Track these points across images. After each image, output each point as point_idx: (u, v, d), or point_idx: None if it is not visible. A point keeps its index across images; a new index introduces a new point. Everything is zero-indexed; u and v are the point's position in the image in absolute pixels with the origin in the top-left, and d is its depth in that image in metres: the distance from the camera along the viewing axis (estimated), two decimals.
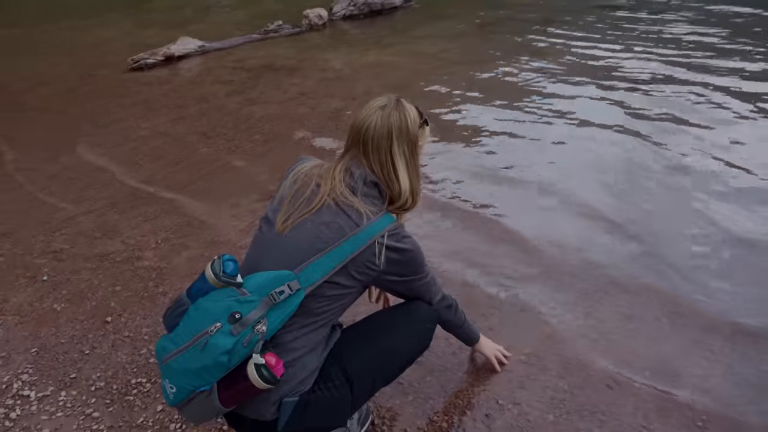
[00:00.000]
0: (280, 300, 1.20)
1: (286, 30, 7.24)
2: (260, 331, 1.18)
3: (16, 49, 6.99)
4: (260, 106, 4.54)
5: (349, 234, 1.27)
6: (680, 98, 4.19)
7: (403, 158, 1.37)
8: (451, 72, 5.13)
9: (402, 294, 1.50)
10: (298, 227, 1.29)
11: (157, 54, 6.12)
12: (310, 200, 1.31)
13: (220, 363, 1.17)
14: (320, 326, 1.31)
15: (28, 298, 2.37)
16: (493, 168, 3.30)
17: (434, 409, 1.74)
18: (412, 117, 1.39)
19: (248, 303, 1.19)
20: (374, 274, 1.32)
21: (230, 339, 1.16)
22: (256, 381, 1.16)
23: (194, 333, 1.19)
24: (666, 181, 3.07)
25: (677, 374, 1.84)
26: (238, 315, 1.18)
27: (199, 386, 1.20)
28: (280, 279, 1.22)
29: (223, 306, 1.19)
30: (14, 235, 2.87)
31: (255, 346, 1.18)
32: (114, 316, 2.23)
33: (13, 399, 1.85)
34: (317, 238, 1.27)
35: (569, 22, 6.77)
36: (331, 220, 1.28)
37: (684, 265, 2.38)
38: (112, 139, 4.06)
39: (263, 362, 1.16)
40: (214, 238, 2.72)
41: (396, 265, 1.34)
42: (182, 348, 1.20)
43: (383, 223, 1.31)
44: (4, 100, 5.12)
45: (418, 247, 1.39)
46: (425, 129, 1.45)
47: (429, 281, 1.47)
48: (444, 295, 1.57)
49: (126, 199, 3.16)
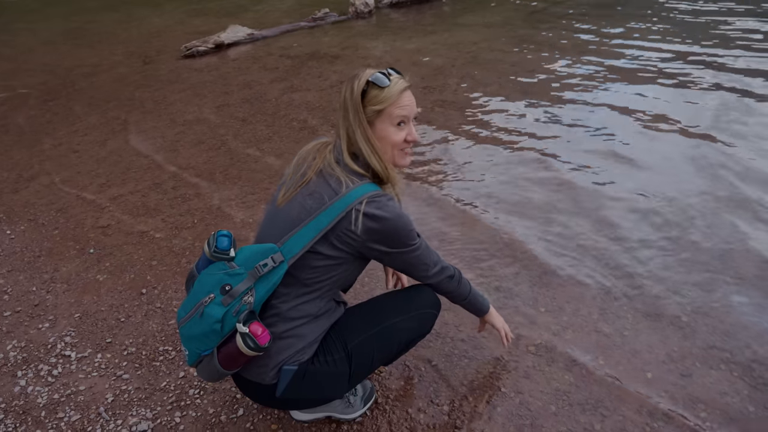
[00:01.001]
0: (265, 272, 1.29)
1: (333, 18, 7.33)
2: (248, 302, 1.28)
3: (78, 38, 7.43)
4: (301, 93, 4.65)
5: (329, 203, 1.30)
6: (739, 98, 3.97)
7: (359, 128, 1.34)
8: (490, 61, 5.06)
9: (399, 269, 1.47)
10: (291, 200, 1.36)
11: (208, 42, 6.36)
12: (304, 174, 1.38)
13: (214, 330, 1.28)
14: (316, 297, 1.38)
15: (76, 268, 2.59)
16: (527, 165, 3.27)
17: (437, 393, 1.79)
18: (359, 83, 1.34)
19: (237, 276, 1.29)
20: (355, 243, 1.32)
21: (221, 309, 1.27)
22: (243, 348, 1.26)
23: (195, 303, 1.31)
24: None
25: (688, 374, 1.80)
26: (228, 287, 1.28)
27: (203, 350, 1.32)
28: (265, 252, 1.31)
29: (215, 278, 1.29)
30: (68, 212, 3.12)
31: (241, 315, 1.27)
32: (149, 288, 2.40)
33: (56, 358, 2.05)
34: (302, 209, 1.33)
35: (624, 13, 6.49)
36: (314, 190, 1.33)
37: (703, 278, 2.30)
38: (160, 123, 4.29)
39: (247, 331, 1.25)
40: (245, 219, 2.86)
41: (376, 233, 1.32)
42: (187, 316, 1.32)
43: (362, 191, 1.30)
44: (65, 85, 5.48)
45: (399, 215, 1.33)
46: (380, 90, 1.33)
47: (420, 254, 1.42)
48: (443, 266, 1.51)
49: (167, 181, 3.35)
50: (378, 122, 1.36)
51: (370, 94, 1.34)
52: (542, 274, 2.32)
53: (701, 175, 2.97)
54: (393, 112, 1.35)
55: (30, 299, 2.40)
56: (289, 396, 1.39)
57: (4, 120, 4.63)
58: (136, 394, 1.86)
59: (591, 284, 2.24)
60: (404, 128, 1.39)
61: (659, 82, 4.26)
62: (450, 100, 4.20)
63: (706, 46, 4.96)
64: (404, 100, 1.36)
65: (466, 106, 4.07)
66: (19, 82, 5.71)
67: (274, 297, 1.36)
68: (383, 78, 1.34)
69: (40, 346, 2.12)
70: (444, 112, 4.01)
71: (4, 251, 2.78)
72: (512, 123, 3.77)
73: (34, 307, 2.34)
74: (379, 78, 1.34)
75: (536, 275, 2.31)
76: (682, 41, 5.18)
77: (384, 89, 1.34)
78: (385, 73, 1.36)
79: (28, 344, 2.13)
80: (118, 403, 1.83)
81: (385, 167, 1.37)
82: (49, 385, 1.93)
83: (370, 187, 1.33)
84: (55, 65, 6.21)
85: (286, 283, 1.34)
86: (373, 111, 1.35)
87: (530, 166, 3.19)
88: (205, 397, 1.82)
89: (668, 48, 5.02)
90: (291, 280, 1.34)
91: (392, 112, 1.35)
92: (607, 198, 2.83)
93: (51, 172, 3.62)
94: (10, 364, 2.03)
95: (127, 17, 8.44)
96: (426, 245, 1.45)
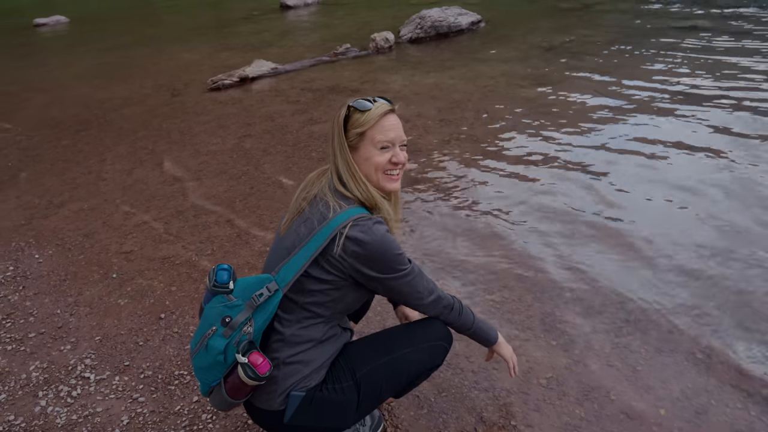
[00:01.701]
0: (261, 302, 1.33)
1: (354, 53, 7.55)
2: (247, 332, 1.32)
3: (110, 72, 7.77)
4: (320, 125, 4.78)
5: (317, 228, 1.33)
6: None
7: (340, 153, 1.39)
8: (508, 95, 5.15)
9: (394, 297, 1.44)
10: (289, 229, 1.42)
11: (234, 75, 6.60)
12: (301, 202, 1.43)
13: (218, 362, 1.33)
14: (319, 323, 1.41)
15: (99, 292, 2.67)
16: (543, 196, 3.30)
17: (446, 424, 1.79)
18: (343, 109, 1.40)
19: (235, 307, 1.33)
20: (344, 267, 1.33)
21: (223, 341, 1.32)
22: (244, 378, 1.30)
23: (200, 335, 1.36)
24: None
25: (703, 411, 1.77)
26: (228, 318, 1.32)
27: (211, 381, 1.37)
28: (260, 282, 1.35)
29: (216, 311, 1.34)
30: (94, 237, 3.23)
31: (241, 346, 1.31)
32: (167, 313, 2.46)
33: (75, 379, 2.11)
34: (296, 236, 1.38)
35: (640, 45, 6.57)
36: (308, 217, 1.38)
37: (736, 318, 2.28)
38: (184, 153, 4.45)
39: (246, 361, 1.29)
40: (263, 248, 2.92)
41: (361, 257, 1.31)
42: (196, 348, 1.37)
43: (348, 214, 1.32)
44: (97, 117, 5.73)
45: (383, 238, 1.31)
46: (361, 114, 1.37)
47: (412, 280, 1.39)
48: (440, 295, 1.47)
49: (189, 210, 3.46)
50: (361, 145, 1.39)
51: (353, 118, 1.39)
52: (554, 307, 2.32)
53: (698, 218, 2.96)
54: (374, 135, 1.38)
55: (54, 321, 2.48)
56: (297, 422, 1.41)
57: (39, 149, 4.85)
58: (150, 417, 1.90)
59: (604, 317, 2.23)
60: (389, 151, 1.40)
61: (676, 114, 4.27)
62: (467, 133, 4.28)
63: (720, 79, 4.97)
64: (386, 122, 1.39)
65: (483, 140, 4.14)
66: (53, 113, 5.98)
67: (277, 322, 1.39)
68: (365, 102, 1.39)
69: (61, 367, 2.18)
70: (460, 144, 4.08)
71: (32, 274, 2.88)
72: (528, 156, 3.81)
73: (58, 329, 2.42)
74: (361, 103, 1.39)
75: (549, 308, 2.31)
76: (703, 72, 5.20)
77: (365, 113, 1.37)
78: (370, 99, 1.40)
79: (50, 365, 2.20)
80: (133, 426, 1.87)
81: (368, 192, 1.39)
82: (68, 406, 1.98)
83: (357, 210, 1.35)
84: (88, 98, 6.50)
85: (288, 309, 1.38)
86: (355, 134, 1.38)
87: (546, 198, 3.21)
88: (217, 422, 1.85)
89: (691, 78, 5.05)
90: (291, 306, 1.38)
91: (374, 135, 1.38)
92: (622, 231, 2.83)
93: (80, 199, 3.76)
94: (32, 385, 2.10)
95: (157, 52, 8.81)
96: (419, 272, 1.42)
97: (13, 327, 2.46)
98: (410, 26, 8.17)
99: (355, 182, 1.39)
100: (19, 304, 2.63)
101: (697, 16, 7.69)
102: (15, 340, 2.37)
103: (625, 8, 8.72)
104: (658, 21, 7.67)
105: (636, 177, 3.38)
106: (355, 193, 1.39)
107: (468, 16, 8.31)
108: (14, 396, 2.05)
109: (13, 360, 2.25)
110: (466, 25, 8.27)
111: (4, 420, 1.93)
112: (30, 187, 4.04)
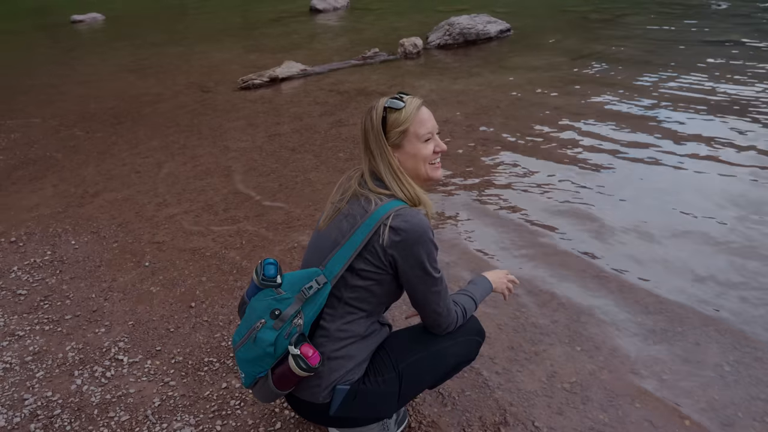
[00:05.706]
0: (310, 294, 1.37)
1: (382, 57, 7.62)
2: (298, 325, 1.37)
3: (144, 69, 7.97)
4: (348, 127, 4.84)
5: (360, 222, 1.37)
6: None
7: (380, 155, 1.41)
8: (535, 103, 5.15)
9: (416, 299, 1.45)
10: (330, 225, 1.46)
11: (264, 75, 6.72)
12: (340, 200, 1.47)
13: (267, 353, 1.37)
14: (362, 317, 1.45)
15: (132, 280, 2.76)
16: (569, 205, 3.30)
17: (469, 422, 1.81)
18: (377, 112, 1.42)
19: (285, 300, 1.37)
20: (385, 258, 1.35)
21: (273, 333, 1.36)
22: (295, 369, 1.34)
23: (248, 328, 1.40)
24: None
25: (729, 424, 1.76)
26: (278, 311, 1.37)
27: (258, 372, 1.42)
28: (309, 275, 1.39)
29: (265, 304, 1.39)
30: (128, 227, 3.33)
31: (292, 338, 1.36)
32: (197, 302, 2.53)
33: (109, 361, 2.18)
34: (339, 231, 1.41)
35: (671, 58, 6.50)
36: (348, 213, 1.42)
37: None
38: (214, 150, 4.55)
39: (298, 353, 1.33)
40: (290, 244, 2.98)
41: (398, 248, 1.34)
42: (241, 341, 1.42)
43: (390, 206, 1.36)
44: (131, 111, 5.89)
45: (422, 228, 1.34)
46: (398, 113, 1.40)
47: (441, 290, 1.42)
48: (454, 319, 1.51)
49: (219, 204, 3.54)
50: (406, 143, 1.43)
51: (390, 118, 1.41)
52: (580, 313, 2.32)
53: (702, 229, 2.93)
54: (417, 130, 1.42)
55: (89, 305, 2.57)
56: (342, 414, 1.45)
57: (77, 140, 5.01)
58: (181, 400, 1.96)
59: (629, 326, 2.23)
60: (431, 141, 1.45)
61: (711, 121, 4.23)
62: (493, 139, 4.29)
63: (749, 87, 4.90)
64: (423, 115, 1.43)
65: (509, 146, 4.15)
66: (90, 106, 6.17)
67: (321, 318, 1.44)
68: (397, 101, 1.42)
69: (95, 349, 2.26)
70: (486, 150, 4.10)
71: (69, 259, 2.99)
72: (555, 163, 3.81)
73: (92, 313, 2.51)
74: (394, 102, 1.42)
75: (574, 314, 2.31)
76: (735, 84, 5.13)
77: (401, 110, 1.41)
78: (398, 97, 1.43)
79: (85, 346, 2.28)
80: (164, 408, 1.93)
81: (412, 191, 1.42)
82: (102, 385, 2.06)
83: (397, 202, 1.39)
84: (123, 92, 6.68)
85: (331, 305, 1.42)
86: (397, 133, 1.41)
87: (577, 204, 3.21)
88: (245, 409, 1.90)
89: (725, 93, 4.99)
90: (335, 302, 1.42)
91: (416, 130, 1.42)
92: (649, 238, 2.82)
93: (114, 189, 3.88)
94: (68, 364, 2.18)
95: (189, 51, 9.00)
96: (446, 287, 1.45)
97: (51, 308, 2.56)
98: (439, 32, 8.21)
99: (399, 183, 1.42)
100: (56, 287, 2.72)
101: (732, 31, 7.58)
102: (52, 321, 2.46)
103: (656, 20, 8.64)
104: (691, 34, 7.58)
105: (673, 186, 3.36)
106: (399, 195, 1.42)
107: (497, 25, 8.32)
108: (51, 374, 2.13)
109: (50, 340, 2.33)
110: (494, 33, 8.28)
111: (43, 396, 2.01)
112: (67, 176, 4.18)
